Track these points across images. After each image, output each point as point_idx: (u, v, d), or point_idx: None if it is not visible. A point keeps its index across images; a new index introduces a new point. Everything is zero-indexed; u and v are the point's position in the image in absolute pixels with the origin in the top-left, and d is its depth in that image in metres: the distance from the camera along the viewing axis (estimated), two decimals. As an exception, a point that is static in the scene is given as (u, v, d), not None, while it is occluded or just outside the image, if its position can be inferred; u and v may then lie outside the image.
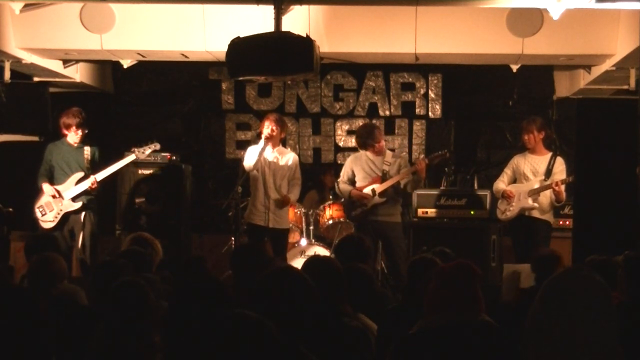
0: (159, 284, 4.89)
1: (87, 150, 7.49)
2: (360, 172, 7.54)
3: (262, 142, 7.26)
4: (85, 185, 7.33)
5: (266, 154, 7.32)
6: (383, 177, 7.44)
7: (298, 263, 7.10)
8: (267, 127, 7.27)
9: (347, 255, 4.91)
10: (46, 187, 7.34)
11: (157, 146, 7.76)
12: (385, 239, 7.43)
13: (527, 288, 5.44)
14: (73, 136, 7.43)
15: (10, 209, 7.36)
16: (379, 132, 7.63)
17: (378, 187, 7.40)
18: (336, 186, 7.76)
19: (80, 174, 7.40)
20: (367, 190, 7.42)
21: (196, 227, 9.07)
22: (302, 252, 8.25)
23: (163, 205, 8.16)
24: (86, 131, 7.48)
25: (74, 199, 7.35)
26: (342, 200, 8.42)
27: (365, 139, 7.50)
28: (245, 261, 4.66)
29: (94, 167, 7.47)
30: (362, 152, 7.62)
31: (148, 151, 7.71)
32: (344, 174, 7.67)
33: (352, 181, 7.61)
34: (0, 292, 2.83)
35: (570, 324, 2.12)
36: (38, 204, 7.38)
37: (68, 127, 7.41)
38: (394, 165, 7.52)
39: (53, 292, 4.35)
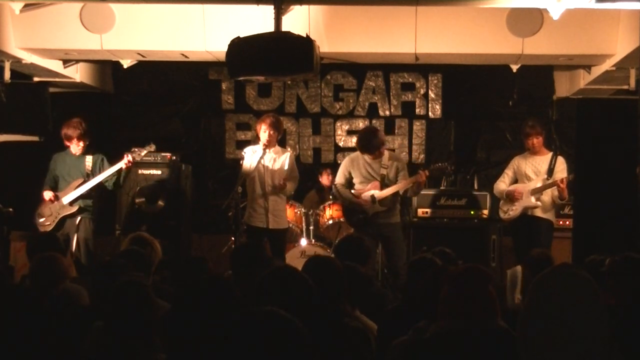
0: (159, 284, 4.90)
1: (88, 159, 7.45)
2: (358, 176, 7.43)
3: (260, 150, 7.26)
4: (83, 189, 7.31)
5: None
6: (382, 181, 7.35)
7: (298, 263, 7.09)
8: (264, 132, 7.24)
9: (347, 255, 4.92)
10: (46, 192, 7.36)
11: (153, 147, 7.73)
12: (386, 239, 7.39)
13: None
14: (75, 147, 7.42)
15: (10, 209, 7.37)
16: (380, 138, 7.41)
17: (378, 195, 7.29)
18: (334, 188, 7.65)
19: (80, 180, 7.39)
20: (367, 195, 7.34)
21: (196, 227, 9.07)
22: (302, 252, 8.23)
23: (163, 205, 8.16)
24: (87, 142, 7.43)
25: (71, 203, 7.34)
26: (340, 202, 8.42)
27: (367, 144, 7.34)
28: (245, 261, 4.67)
29: (95, 175, 7.42)
30: (358, 154, 7.49)
31: (144, 152, 7.66)
32: (341, 176, 7.53)
33: (349, 183, 7.52)
34: (1, 292, 2.84)
35: (558, 321, 2.12)
36: (38, 210, 7.40)
37: (69, 139, 7.38)
38: (391, 168, 7.39)
39: (55, 292, 4.35)
